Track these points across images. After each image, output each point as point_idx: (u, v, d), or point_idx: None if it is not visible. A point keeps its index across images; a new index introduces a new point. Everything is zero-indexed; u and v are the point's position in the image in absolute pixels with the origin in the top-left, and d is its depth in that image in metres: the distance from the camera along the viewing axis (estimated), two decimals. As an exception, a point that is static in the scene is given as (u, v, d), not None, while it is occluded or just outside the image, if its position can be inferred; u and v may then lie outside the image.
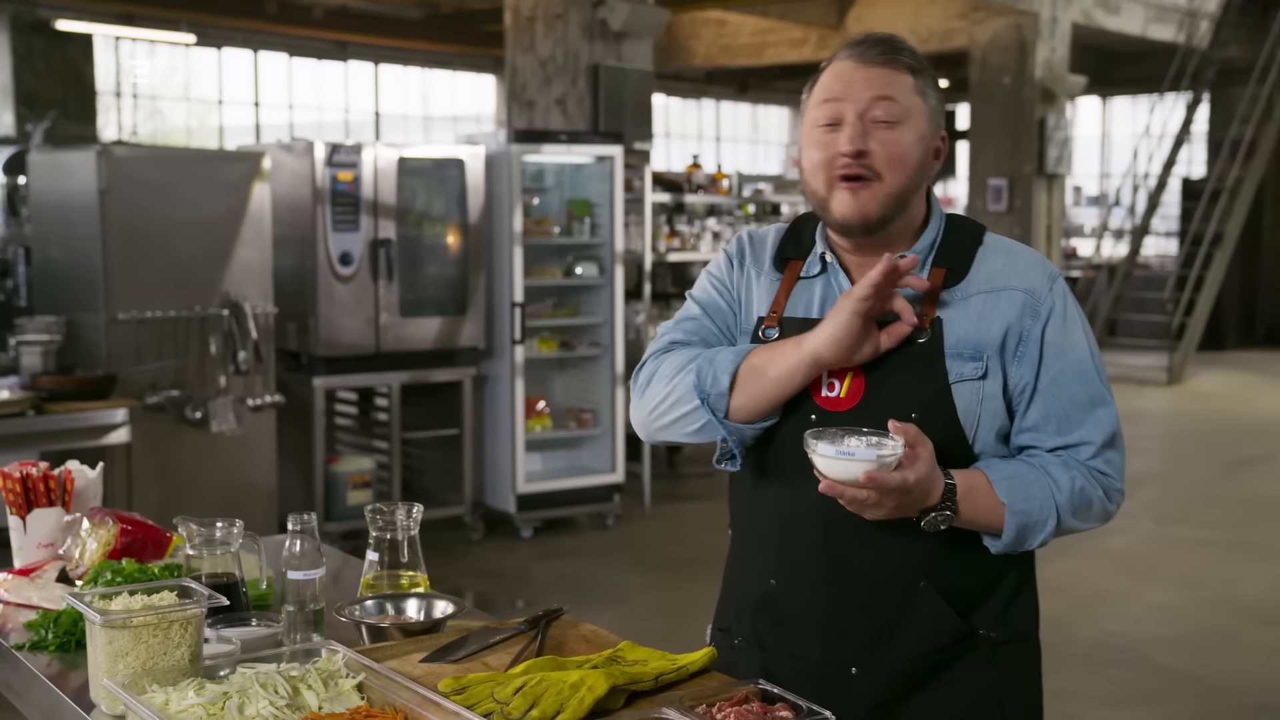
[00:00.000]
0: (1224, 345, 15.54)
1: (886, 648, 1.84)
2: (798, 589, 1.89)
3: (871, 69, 1.81)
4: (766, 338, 1.89)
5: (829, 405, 1.83)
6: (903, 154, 1.80)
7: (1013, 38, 12.86)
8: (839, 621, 1.86)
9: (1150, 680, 4.77)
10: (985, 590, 1.86)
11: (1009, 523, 1.77)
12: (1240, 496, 8.00)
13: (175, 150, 8.14)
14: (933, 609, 1.83)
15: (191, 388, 5.57)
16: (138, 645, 1.81)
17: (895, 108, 1.80)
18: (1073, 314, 1.85)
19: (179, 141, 14.06)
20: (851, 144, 1.79)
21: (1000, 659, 1.86)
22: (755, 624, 1.96)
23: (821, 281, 1.91)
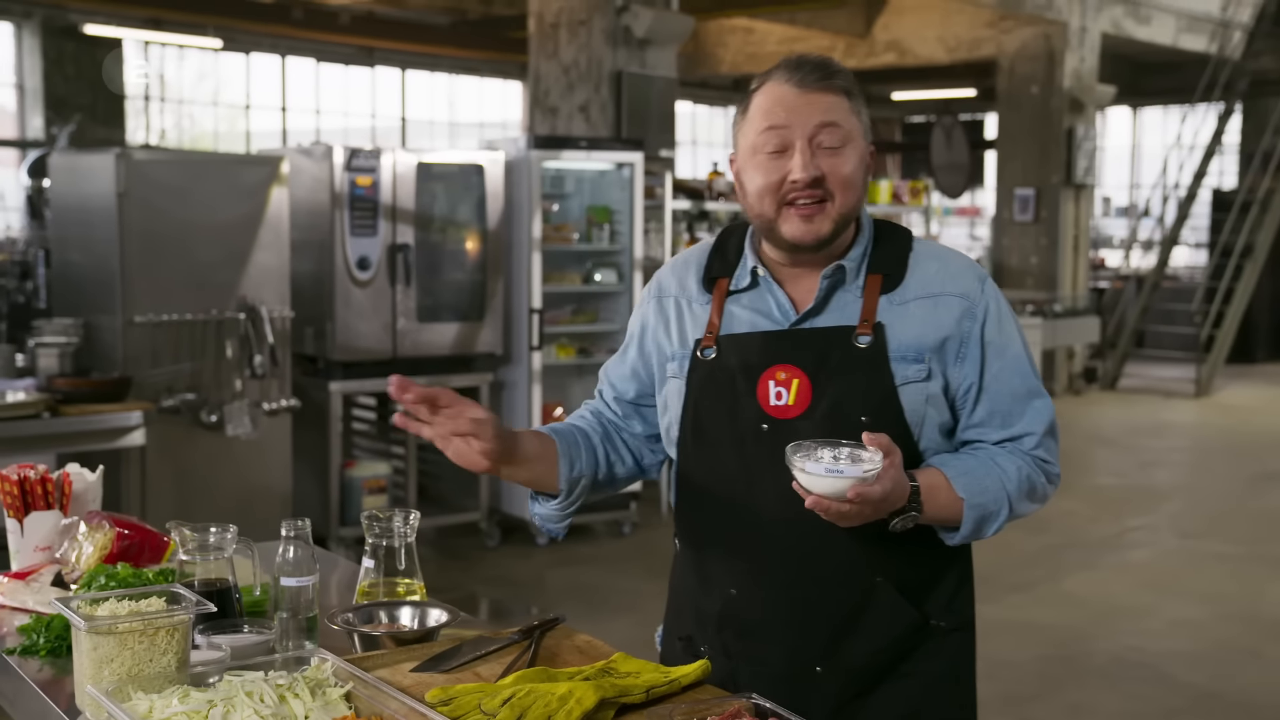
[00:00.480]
0: (1254, 358, 15.39)
1: (848, 644, 1.90)
2: (757, 596, 1.93)
3: (812, 94, 1.85)
4: (705, 357, 1.92)
5: (778, 413, 1.87)
6: (850, 176, 1.86)
7: (1041, 47, 12.77)
8: (801, 624, 1.90)
9: (1169, 697, 4.70)
10: (933, 580, 1.94)
11: (968, 516, 1.85)
12: (1265, 511, 7.89)
13: (194, 154, 8.16)
14: (889, 602, 1.89)
15: (207, 391, 5.58)
16: (123, 651, 1.79)
17: (839, 132, 1.85)
18: (1005, 312, 1.94)
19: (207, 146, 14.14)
20: (806, 171, 1.83)
21: (949, 648, 1.95)
22: (720, 634, 1.98)
23: (752, 295, 1.94)
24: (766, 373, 1.88)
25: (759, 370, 1.88)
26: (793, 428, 1.84)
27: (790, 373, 1.86)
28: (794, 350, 1.87)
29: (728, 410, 1.90)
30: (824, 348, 1.86)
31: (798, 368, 1.86)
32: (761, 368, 1.88)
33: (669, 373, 1.99)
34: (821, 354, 1.86)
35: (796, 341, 1.88)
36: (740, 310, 1.94)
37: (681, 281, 2.02)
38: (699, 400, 1.94)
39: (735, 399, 1.90)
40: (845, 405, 1.84)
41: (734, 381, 1.90)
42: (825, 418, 1.83)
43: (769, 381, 1.87)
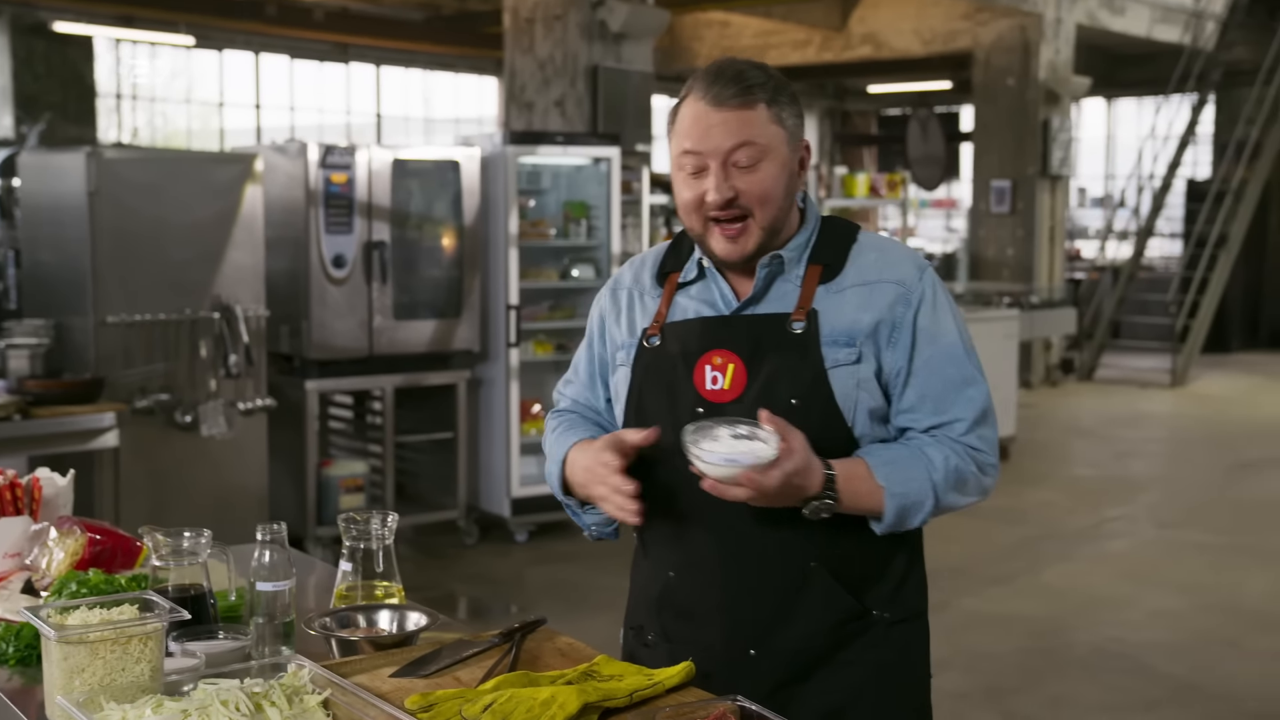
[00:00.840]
0: (1229, 348, 15.47)
1: (782, 629, 1.91)
2: (695, 578, 1.96)
3: (727, 112, 1.87)
4: (650, 345, 1.98)
5: (714, 397, 1.92)
6: (768, 190, 1.89)
7: (1017, 39, 12.79)
8: (736, 606, 1.93)
9: (1150, 688, 4.71)
10: (876, 571, 1.94)
11: (889, 505, 1.86)
12: (1243, 501, 7.93)
13: (166, 152, 8.10)
14: (824, 589, 1.90)
15: (181, 391, 5.52)
16: (95, 661, 1.76)
17: (754, 150, 1.87)
18: (942, 301, 1.95)
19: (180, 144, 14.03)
20: (719, 193, 1.87)
21: (894, 638, 1.95)
22: (660, 618, 2.02)
23: (699, 286, 2.00)
24: (704, 358, 1.93)
25: (697, 355, 1.93)
26: (726, 411, 1.89)
27: (726, 358, 1.91)
28: (731, 336, 1.92)
29: (668, 395, 1.95)
30: (759, 334, 1.91)
31: (733, 353, 1.91)
32: (699, 353, 1.93)
33: (618, 361, 2.05)
34: (756, 340, 1.91)
35: (733, 328, 1.93)
36: (687, 301, 1.99)
37: (636, 275, 2.09)
38: (642, 386, 1.99)
39: (675, 384, 1.94)
40: (776, 388, 1.88)
41: (675, 367, 1.95)
42: (756, 400, 1.87)
43: (705, 366, 1.92)
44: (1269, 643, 5.23)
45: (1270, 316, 16.56)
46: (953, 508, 1.93)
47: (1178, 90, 14.71)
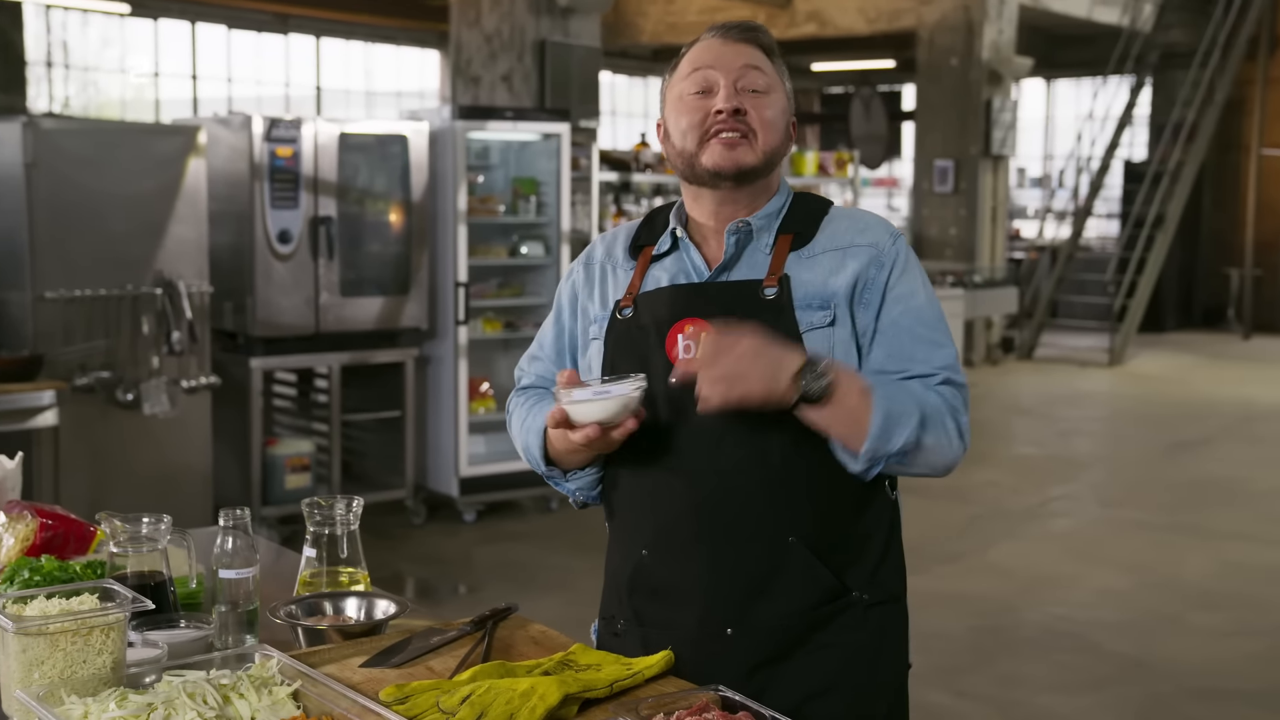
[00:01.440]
0: (1163, 327, 15.71)
1: (760, 606, 1.87)
2: (670, 554, 1.92)
3: (738, 44, 1.92)
4: (623, 316, 1.95)
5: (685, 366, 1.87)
6: (773, 117, 1.92)
7: (960, 19, 12.84)
8: (712, 582, 1.88)
9: (1098, 665, 4.76)
10: (855, 549, 1.91)
11: (875, 410, 1.78)
12: (1182, 479, 8.05)
13: (106, 123, 7.91)
14: (804, 565, 1.86)
15: (123, 369, 5.40)
16: (55, 653, 1.69)
17: (763, 77, 1.92)
18: (914, 267, 1.95)
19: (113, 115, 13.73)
20: (729, 102, 1.89)
21: (873, 621, 1.91)
22: (631, 599, 1.97)
23: (672, 258, 1.98)
24: (675, 326, 1.90)
25: (668, 324, 1.90)
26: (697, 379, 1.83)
27: (698, 326, 1.88)
28: (702, 304, 1.90)
29: (640, 366, 1.91)
30: (731, 301, 1.89)
31: (705, 321, 1.88)
32: (671, 321, 1.90)
33: (591, 334, 2.02)
34: (728, 307, 1.88)
35: (705, 295, 1.91)
36: (660, 272, 1.98)
37: (609, 249, 2.07)
38: (614, 358, 1.95)
39: (648, 354, 1.91)
40: None
41: (648, 337, 1.92)
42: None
43: (678, 335, 1.89)
44: (1211, 620, 5.31)
45: (1203, 296, 16.84)
46: (927, 457, 1.83)
47: (1116, 72, 14.87)
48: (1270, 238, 16.17)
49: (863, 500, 1.91)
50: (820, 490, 1.87)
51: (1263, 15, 15.21)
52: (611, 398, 1.79)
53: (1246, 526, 6.82)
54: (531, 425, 2.02)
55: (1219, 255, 16.70)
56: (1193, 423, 9.92)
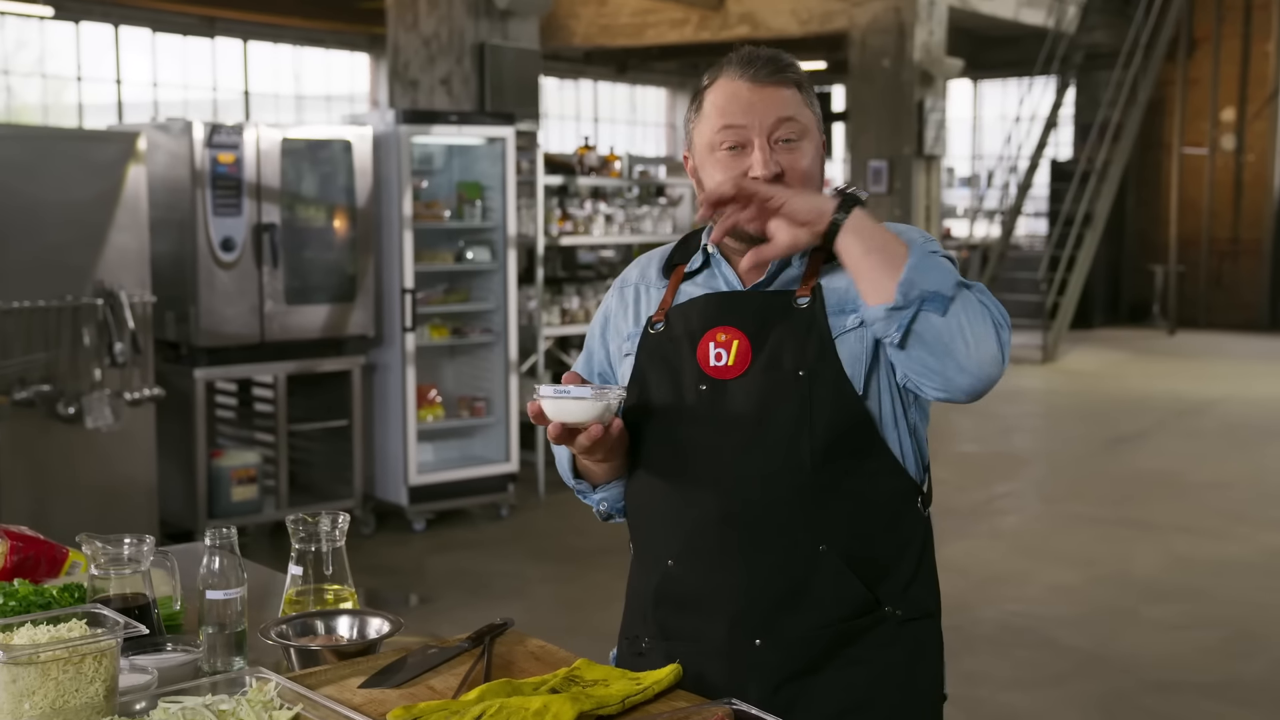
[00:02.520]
0: (1091, 323, 15.97)
1: (790, 617, 1.83)
2: (697, 565, 1.88)
3: (767, 89, 1.85)
4: (655, 330, 1.93)
5: (717, 373, 1.86)
6: (809, 169, 1.86)
7: (892, 20, 12.95)
8: (741, 593, 1.84)
9: (1056, 661, 4.81)
10: (887, 563, 1.87)
11: (913, 249, 1.73)
12: (1122, 473, 8.17)
13: (42, 130, 7.73)
14: (835, 574, 1.82)
15: (64, 382, 5.26)
16: (46, 683, 1.63)
17: (796, 126, 1.86)
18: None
19: (33, 120, 13.41)
20: (767, 169, 1.83)
21: (905, 638, 1.87)
22: (656, 613, 1.93)
23: (705, 274, 1.96)
24: (707, 335, 1.87)
25: (700, 333, 1.88)
26: (728, 387, 1.85)
27: (730, 334, 1.86)
28: (735, 312, 1.87)
29: (670, 375, 1.89)
30: (763, 309, 1.86)
31: (738, 329, 1.85)
32: (703, 330, 1.88)
33: (624, 351, 2.00)
34: (761, 315, 1.85)
35: (737, 303, 1.88)
36: (693, 288, 1.95)
37: (643, 271, 2.05)
38: (646, 370, 1.93)
39: (679, 364, 1.89)
40: (782, 361, 1.83)
41: (679, 347, 1.89)
42: (760, 374, 1.83)
43: (709, 343, 1.86)
44: (1163, 613, 5.38)
45: (1129, 292, 17.15)
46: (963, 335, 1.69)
47: (1042, 73, 15.09)
48: (1192, 235, 16.51)
49: (895, 515, 1.88)
50: (852, 501, 1.83)
51: (1181, 17, 15.54)
52: (571, 398, 1.78)
53: (1190, 519, 6.94)
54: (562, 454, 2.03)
55: (1143, 252, 17.02)
56: (1128, 417, 10.08)
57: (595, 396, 1.78)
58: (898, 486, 1.87)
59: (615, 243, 8.33)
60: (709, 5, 14.23)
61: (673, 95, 20.01)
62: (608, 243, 8.23)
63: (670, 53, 16.90)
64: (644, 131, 19.89)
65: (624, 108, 19.67)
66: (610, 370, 2.05)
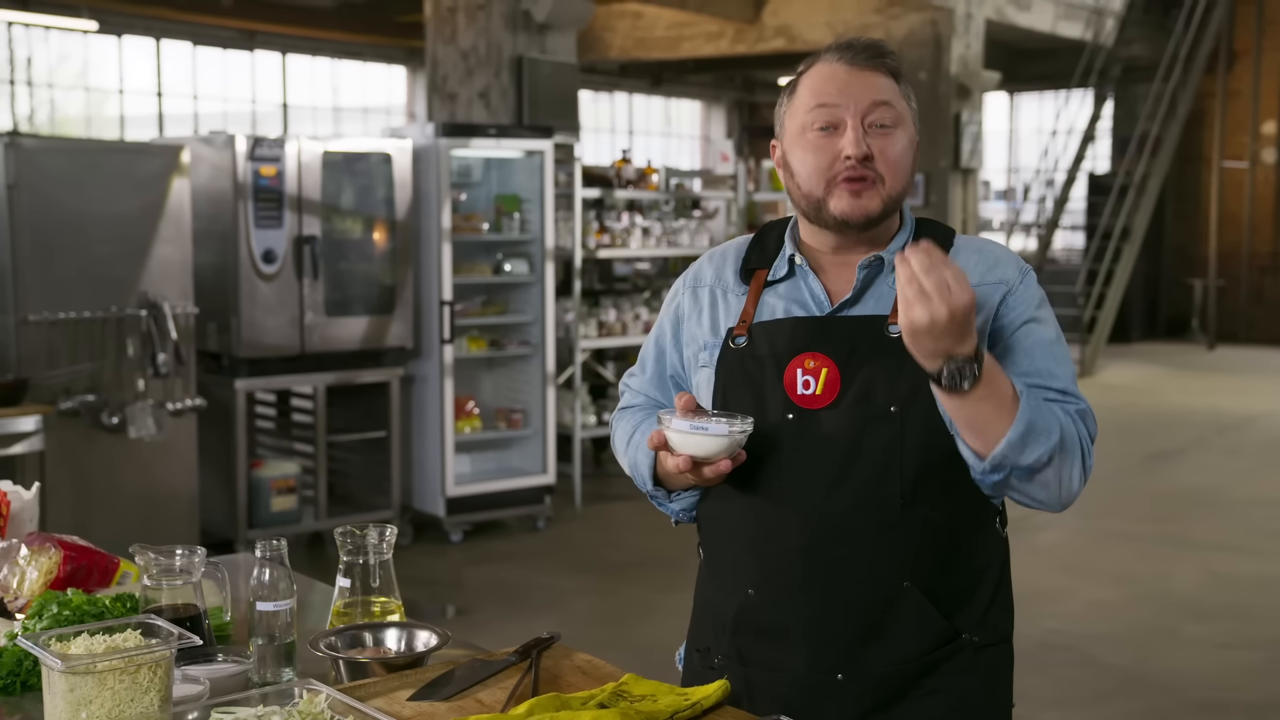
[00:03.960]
0: (1129, 338, 15.86)
1: (872, 652, 1.81)
2: (778, 596, 1.84)
3: (864, 73, 1.81)
4: (737, 345, 1.87)
5: (805, 402, 1.82)
6: (901, 157, 1.82)
7: (928, 33, 12.93)
8: (822, 627, 1.82)
9: (1098, 680, 4.77)
10: (967, 590, 1.85)
11: (1021, 412, 1.68)
12: (1161, 490, 8.10)
13: (89, 142, 7.81)
14: (917, 609, 1.80)
15: (108, 392, 5.32)
16: (102, 692, 1.64)
17: (891, 112, 1.81)
18: (1045, 306, 1.86)
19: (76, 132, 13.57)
20: (858, 148, 1.78)
21: (981, 664, 1.85)
22: (735, 639, 1.90)
23: (789, 284, 1.89)
24: (795, 360, 1.82)
25: (787, 358, 1.82)
26: (818, 418, 1.80)
27: (819, 361, 1.81)
28: (824, 338, 1.82)
29: (755, 399, 1.84)
30: (854, 336, 1.81)
31: (827, 356, 1.80)
32: (790, 355, 1.82)
33: (700, 362, 1.94)
34: (852, 343, 1.80)
35: (827, 329, 1.82)
36: (776, 300, 1.89)
37: (719, 272, 1.97)
38: (727, 388, 1.87)
39: (763, 387, 1.84)
40: (873, 395, 1.78)
41: (763, 369, 1.84)
42: (851, 407, 1.78)
43: (797, 370, 1.81)
44: (1205, 631, 5.33)
45: (1167, 306, 17.01)
46: (1051, 480, 1.73)
47: (1079, 86, 15.01)
48: (1232, 249, 16.38)
49: (976, 541, 1.86)
50: (937, 533, 1.80)
51: (1221, 30, 15.43)
52: (709, 435, 1.74)
53: (1230, 537, 6.87)
54: (640, 443, 1.96)
55: (1182, 266, 16.88)
56: (1167, 433, 9.99)
57: (730, 433, 1.74)
58: (981, 513, 1.85)
59: (652, 255, 8.34)
60: (745, 18, 14.25)
61: (707, 108, 20.03)
62: (644, 255, 8.24)
63: (705, 65, 16.93)
64: (678, 144, 19.91)
65: (659, 120, 19.71)
66: (683, 374, 2.01)
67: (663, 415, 1.78)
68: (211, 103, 14.59)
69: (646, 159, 8.45)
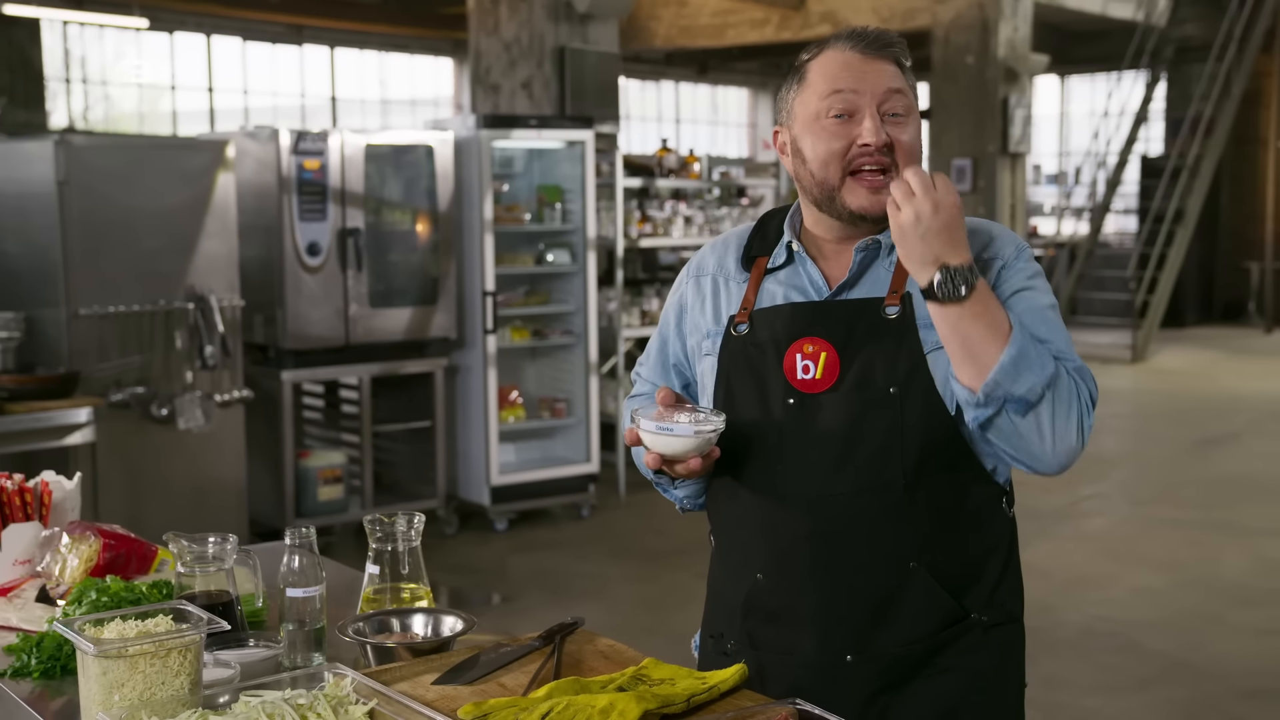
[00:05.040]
0: (1183, 322, 15.66)
1: (880, 632, 1.83)
2: (786, 580, 1.87)
3: (879, 61, 1.82)
4: (738, 333, 1.89)
5: (805, 387, 1.83)
6: (915, 145, 1.83)
7: (975, 16, 12.81)
8: (831, 609, 1.84)
9: (1141, 666, 4.74)
10: (974, 570, 1.86)
11: (1014, 336, 1.69)
12: (1211, 476, 8.01)
13: (136, 138, 7.93)
14: (924, 590, 1.81)
15: (157, 384, 5.41)
16: (134, 675, 1.69)
17: (905, 101, 1.83)
18: (1038, 279, 1.85)
19: (130, 128, 13.78)
20: (877, 136, 1.79)
21: (991, 643, 1.86)
22: (745, 623, 1.92)
23: (786, 272, 1.91)
24: (794, 345, 1.84)
25: (786, 343, 1.84)
26: (818, 401, 1.81)
27: (818, 345, 1.82)
28: (822, 322, 1.83)
29: (756, 385, 1.86)
30: (851, 320, 1.82)
31: (826, 340, 1.82)
32: (789, 340, 1.84)
33: (704, 350, 1.96)
34: (849, 326, 1.82)
35: (824, 313, 1.84)
36: (776, 287, 1.91)
37: (720, 260, 1.99)
38: (730, 375, 1.90)
39: (765, 373, 1.86)
40: (872, 376, 1.79)
41: (764, 355, 1.86)
42: (851, 390, 1.80)
43: (796, 355, 1.83)
44: (1252, 618, 5.28)
45: (1223, 290, 16.78)
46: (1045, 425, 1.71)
47: (1131, 67, 14.82)
48: (1290, 231, 16.12)
49: (983, 520, 1.86)
50: (942, 514, 1.82)
51: (1278, 8, 15.16)
52: (674, 435, 1.76)
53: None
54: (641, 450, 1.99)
55: (1238, 249, 16.64)
56: (1219, 418, 9.87)
57: (697, 433, 1.76)
58: (986, 493, 1.86)
59: (695, 244, 8.35)
60: (790, 5, 14.19)
61: (754, 95, 19.98)
62: (687, 244, 8.25)
63: (751, 53, 16.87)
64: (725, 132, 19.88)
65: (705, 108, 19.68)
66: (687, 363, 2.03)
67: (635, 413, 1.81)
68: (261, 97, 14.76)
69: (689, 147, 8.46)
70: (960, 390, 1.74)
